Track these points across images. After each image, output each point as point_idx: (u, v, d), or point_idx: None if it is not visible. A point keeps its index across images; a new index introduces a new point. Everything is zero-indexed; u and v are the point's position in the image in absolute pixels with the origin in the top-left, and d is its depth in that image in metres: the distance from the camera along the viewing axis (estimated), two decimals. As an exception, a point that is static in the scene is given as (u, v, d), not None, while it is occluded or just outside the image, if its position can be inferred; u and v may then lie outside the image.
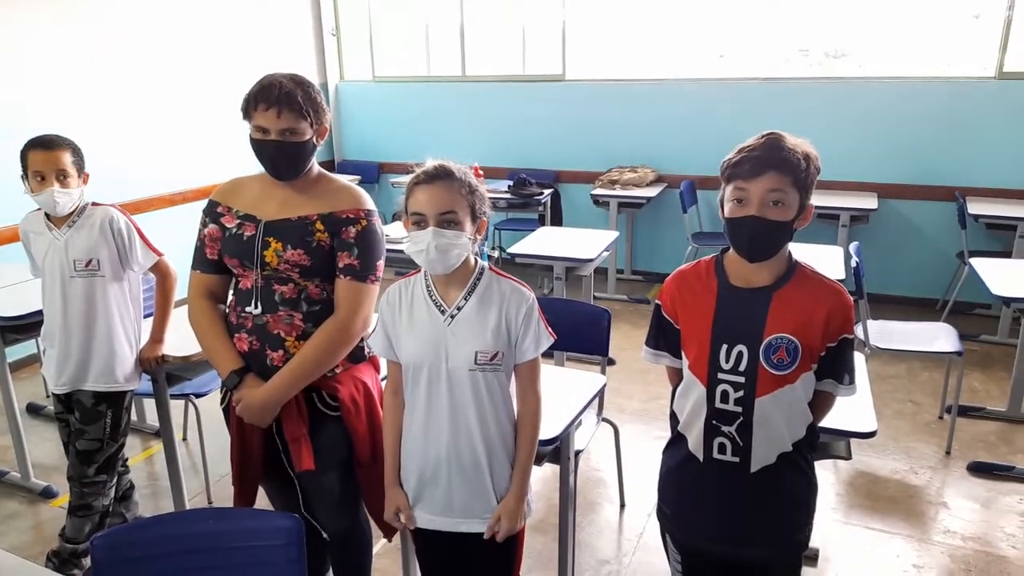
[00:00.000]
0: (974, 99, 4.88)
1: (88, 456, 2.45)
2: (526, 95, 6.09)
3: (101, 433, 2.45)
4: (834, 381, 1.57)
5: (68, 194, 2.35)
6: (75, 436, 2.46)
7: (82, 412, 2.44)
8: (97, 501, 2.50)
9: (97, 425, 2.44)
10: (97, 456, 2.46)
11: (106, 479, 2.50)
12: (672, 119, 5.67)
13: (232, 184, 1.98)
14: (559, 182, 6.06)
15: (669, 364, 1.71)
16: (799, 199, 1.49)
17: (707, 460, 1.59)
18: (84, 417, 2.43)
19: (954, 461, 3.27)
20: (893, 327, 3.63)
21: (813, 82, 5.33)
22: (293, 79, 1.82)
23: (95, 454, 2.45)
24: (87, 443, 2.44)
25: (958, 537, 2.77)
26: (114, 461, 2.52)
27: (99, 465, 2.47)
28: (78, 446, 2.46)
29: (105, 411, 2.44)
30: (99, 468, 2.47)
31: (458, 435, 1.68)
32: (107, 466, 2.49)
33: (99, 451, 2.46)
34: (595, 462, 3.30)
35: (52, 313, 2.44)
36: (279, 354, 1.83)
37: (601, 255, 3.98)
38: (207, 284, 1.94)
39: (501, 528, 1.70)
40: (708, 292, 1.59)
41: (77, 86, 4.60)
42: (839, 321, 1.53)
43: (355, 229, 1.85)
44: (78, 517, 2.50)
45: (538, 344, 1.68)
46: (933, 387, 3.92)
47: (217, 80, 5.42)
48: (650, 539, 2.79)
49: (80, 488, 2.48)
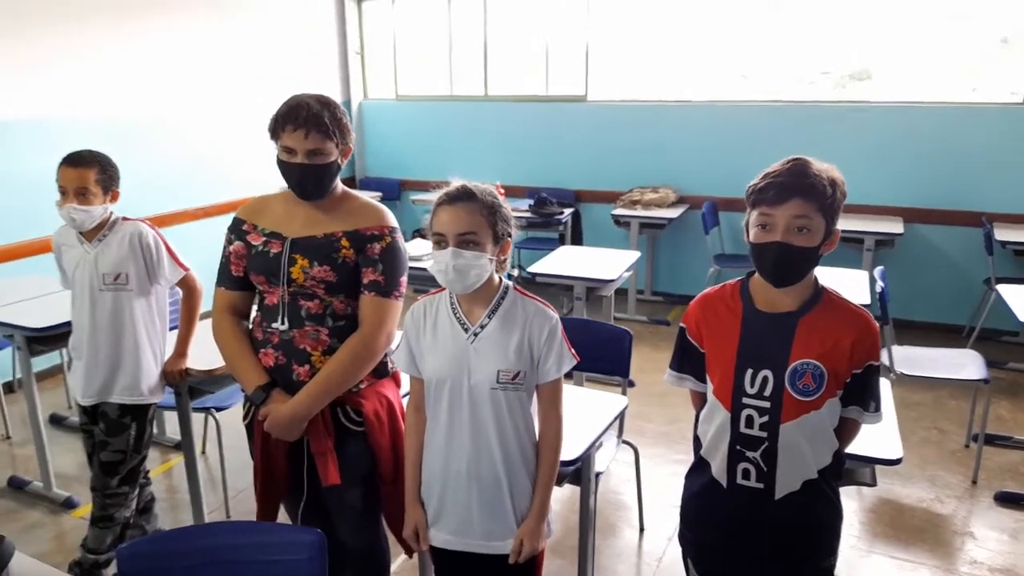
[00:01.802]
0: (1001, 125, 4.84)
1: (112, 467, 2.47)
2: (548, 115, 6.12)
3: (125, 445, 2.47)
4: (860, 408, 1.56)
5: (86, 211, 2.37)
6: (99, 447, 2.49)
7: (107, 424, 2.46)
8: (119, 512, 2.52)
9: (121, 437, 2.46)
10: (120, 468, 2.48)
11: (128, 491, 2.53)
12: (694, 140, 5.67)
13: (257, 202, 2.01)
14: (579, 201, 6.07)
15: (692, 388, 1.70)
16: (825, 225, 1.49)
17: (731, 486, 1.58)
18: (109, 429, 2.46)
19: (980, 491, 3.21)
20: (919, 353, 3.58)
21: (838, 105, 5.31)
22: (320, 100, 1.85)
23: (119, 465, 2.48)
24: (111, 454, 2.47)
25: (985, 568, 2.71)
26: (136, 473, 2.54)
27: (122, 476, 2.49)
28: (102, 457, 2.48)
29: (130, 423, 2.47)
30: (122, 479, 2.49)
31: (479, 453, 1.68)
32: (130, 478, 2.51)
33: (122, 463, 2.48)
34: (615, 485, 3.28)
35: (80, 325, 2.47)
36: (305, 369, 1.85)
37: (622, 276, 3.97)
38: (232, 301, 1.96)
39: (524, 550, 1.69)
40: (733, 316, 1.58)
41: (107, 102, 4.70)
42: (865, 347, 1.51)
43: (380, 246, 1.87)
44: (100, 528, 2.52)
45: (560, 365, 1.68)
46: (959, 415, 3.86)
47: (243, 97, 5.53)
48: (669, 564, 2.76)
49: (103, 499, 2.50)
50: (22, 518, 3.11)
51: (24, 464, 3.53)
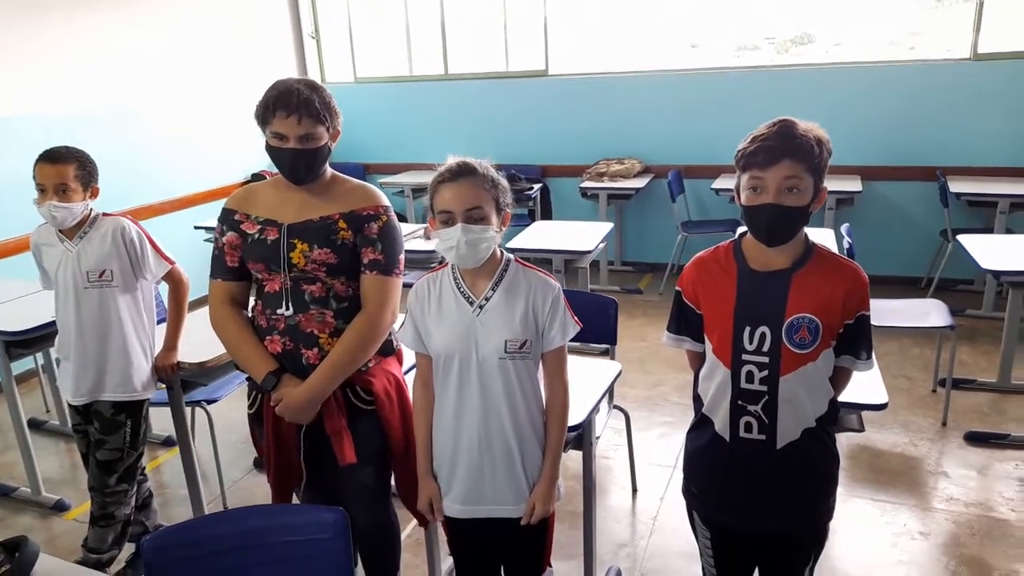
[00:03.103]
0: (950, 81, 5.01)
1: (109, 466, 2.46)
2: (510, 91, 6.13)
3: (121, 443, 2.46)
4: (852, 357, 1.64)
5: (67, 208, 2.33)
6: (95, 447, 2.47)
7: (102, 422, 2.44)
8: (119, 510, 2.51)
9: (117, 435, 2.45)
10: (118, 466, 2.47)
11: (127, 488, 2.52)
12: (654, 110, 5.75)
13: (246, 192, 2.00)
14: (546, 176, 6.10)
15: (690, 348, 1.76)
16: (814, 183, 1.55)
17: (734, 439, 1.65)
18: (104, 427, 2.44)
19: (950, 432, 3.37)
20: (884, 305, 3.72)
21: (790, 69, 5.43)
22: (308, 84, 1.85)
23: (116, 463, 2.47)
24: (108, 453, 2.45)
25: (960, 504, 2.87)
26: (134, 470, 2.53)
27: (120, 475, 2.48)
28: (98, 456, 2.46)
29: (125, 420, 2.45)
30: (120, 477, 2.48)
31: (489, 422, 1.72)
32: (128, 475, 2.51)
33: (119, 460, 2.47)
34: (603, 450, 3.36)
35: (66, 324, 2.44)
36: (314, 352, 1.87)
37: (598, 247, 4.04)
38: (229, 291, 1.96)
39: (535, 513, 1.75)
40: (728, 277, 1.64)
41: (64, 97, 4.58)
42: (856, 299, 1.59)
43: (377, 225, 1.89)
44: (101, 527, 2.51)
45: (565, 332, 1.73)
46: (924, 362, 4.03)
47: (196, 85, 5.39)
48: (665, 522, 2.86)
49: (102, 498, 2.49)
50: (12, 524, 3.06)
51: (6, 471, 3.47)
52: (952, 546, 2.65)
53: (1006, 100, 4.89)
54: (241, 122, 5.49)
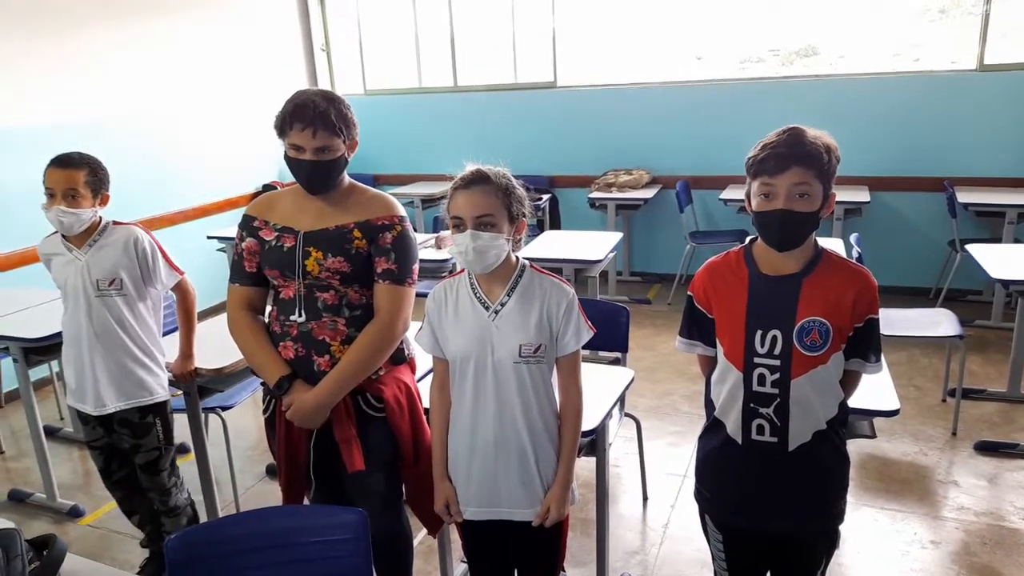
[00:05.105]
0: (957, 92, 5.04)
1: (153, 466, 2.53)
2: (518, 103, 6.18)
3: (156, 441, 2.51)
4: (861, 360, 1.66)
5: (75, 214, 2.31)
6: (132, 453, 2.52)
7: (133, 428, 2.47)
8: (180, 498, 2.63)
9: (151, 435, 2.50)
10: (162, 462, 2.54)
11: (176, 479, 2.62)
12: (662, 121, 5.79)
13: (266, 199, 2.05)
14: (555, 187, 6.15)
15: (702, 353, 1.79)
16: (823, 190, 1.58)
17: (746, 442, 1.67)
18: (137, 432, 2.48)
19: (960, 441, 3.37)
20: (894, 315, 3.72)
21: (796, 80, 5.47)
22: (325, 96, 1.88)
23: (159, 461, 2.53)
24: (147, 455, 2.51)
25: (971, 513, 2.87)
26: (175, 462, 2.61)
27: (168, 470, 2.56)
28: (138, 461, 2.52)
29: (154, 420, 2.50)
30: (168, 473, 2.57)
31: (504, 426, 1.74)
32: (172, 468, 2.59)
33: (161, 457, 2.53)
34: (614, 458, 3.37)
35: (76, 334, 2.41)
36: (325, 359, 1.89)
37: (607, 256, 4.07)
38: (246, 296, 2.00)
39: (550, 516, 1.77)
40: (740, 281, 1.67)
41: (75, 106, 4.65)
42: (865, 302, 1.61)
43: (391, 235, 1.92)
44: (171, 517, 2.62)
45: (579, 337, 1.76)
46: (934, 372, 4.04)
47: (208, 97, 5.47)
48: (676, 530, 2.87)
49: (160, 496, 2.58)
50: (27, 530, 3.02)
51: (22, 477, 3.51)
52: (963, 555, 2.65)
53: (1012, 111, 4.92)
54: (253, 134, 5.60)
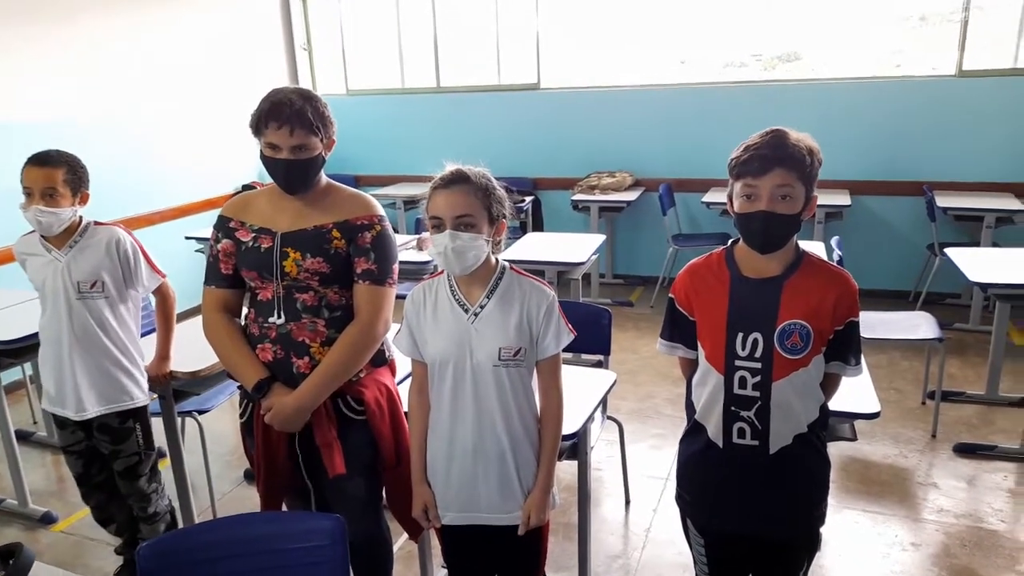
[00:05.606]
0: (936, 97, 5.09)
1: (132, 471, 2.48)
2: (502, 104, 6.17)
3: (136, 447, 2.47)
4: (841, 363, 1.65)
5: (54, 214, 2.26)
6: (111, 459, 2.47)
7: (112, 434, 2.42)
8: (160, 504, 2.58)
9: (130, 441, 2.45)
10: (141, 468, 2.49)
11: (157, 484, 2.57)
12: (646, 124, 5.80)
13: (241, 199, 2.01)
14: (538, 189, 6.14)
15: (683, 355, 1.78)
16: (805, 192, 1.57)
17: (727, 445, 1.66)
18: (116, 437, 2.43)
19: (940, 444, 3.39)
20: (874, 318, 3.75)
21: (779, 84, 5.50)
22: (302, 95, 1.85)
23: (139, 467, 2.48)
24: (126, 460, 2.46)
25: (950, 515, 2.88)
26: (156, 468, 2.56)
27: (147, 476, 2.51)
28: (118, 467, 2.47)
29: (134, 425, 2.45)
30: (148, 478, 2.52)
31: (483, 429, 1.72)
32: (153, 473, 2.54)
33: (140, 463, 2.49)
34: (596, 461, 3.35)
35: (55, 337, 2.36)
36: (305, 361, 1.86)
37: (590, 258, 4.06)
38: (222, 298, 1.96)
39: (530, 520, 1.75)
40: (721, 284, 1.66)
41: (51, 104, 4.58)
42: (846, 305, 1.61)
43: (370, 235, 1.90)
44: (150, 524, 2.57)
45: (559, 340, 1.74)
46: (914, 375, 4.06)
47: (189, 97, 5.40)
48: (658, 534, 2.86)
49: (140, 502, 2.53)
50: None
51: (-5, 482, 3.44)
52: (943, 557, 2.66)
53: (990, 116, 4.97)
54: (232, 133, 5.53)
